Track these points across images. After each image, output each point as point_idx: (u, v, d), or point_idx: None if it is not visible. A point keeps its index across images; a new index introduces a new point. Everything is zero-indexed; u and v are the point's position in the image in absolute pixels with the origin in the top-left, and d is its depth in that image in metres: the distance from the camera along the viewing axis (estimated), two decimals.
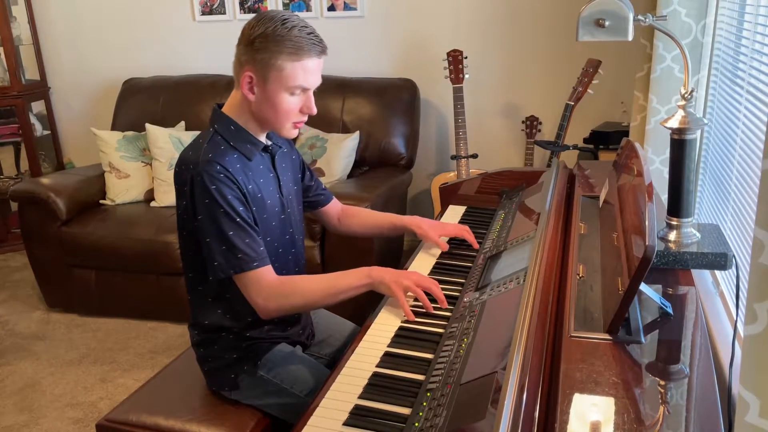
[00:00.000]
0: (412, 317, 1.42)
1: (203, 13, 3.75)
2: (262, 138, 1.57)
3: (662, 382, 1.04)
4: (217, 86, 3.58)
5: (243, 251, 1.43)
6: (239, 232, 1.43)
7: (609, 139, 3.04)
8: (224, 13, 3.71)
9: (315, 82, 1.49)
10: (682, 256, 1.42)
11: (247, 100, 1.48)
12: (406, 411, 1.14)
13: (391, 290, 1.47)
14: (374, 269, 1.49)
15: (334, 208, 1.87)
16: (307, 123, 2.64)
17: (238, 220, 1.43)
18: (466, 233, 1.79)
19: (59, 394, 2.61)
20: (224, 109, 1.54)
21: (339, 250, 2.83)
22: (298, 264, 1.70)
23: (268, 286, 1.46)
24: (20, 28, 3.97)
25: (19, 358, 2.88)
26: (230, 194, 1.43)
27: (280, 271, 1.62)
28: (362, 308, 1.80)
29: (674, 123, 1.43)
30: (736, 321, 1.40)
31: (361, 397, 1.20)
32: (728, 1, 1.98)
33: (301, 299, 1.48)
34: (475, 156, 3.19)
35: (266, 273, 1.46)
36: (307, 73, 1.45)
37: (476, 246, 1.76)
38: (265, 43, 1.41)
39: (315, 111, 1.52)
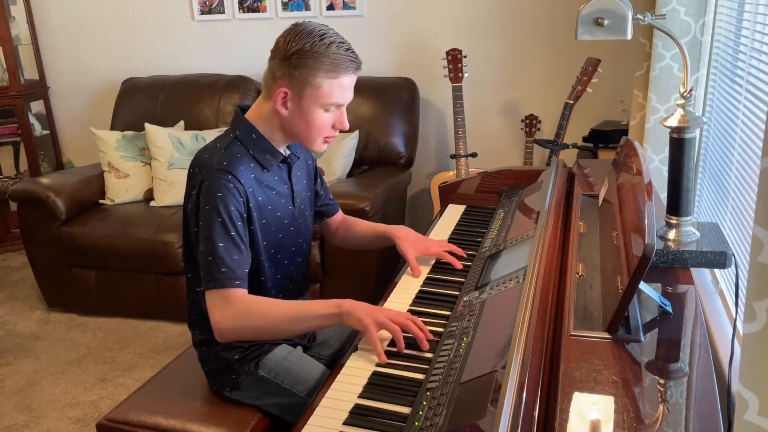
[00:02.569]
0: (384, 359, 1.28)
1: (202, 13, 3.75)
2: (282, 149, 1.55)
3: (662, 381, 1.05)
4: (216, 86, 3.58)
5: (228, 266, 1.39)
6: (229, 246, 1.40)
7: (608, 137, 3.05)
8: (223, 12, 3.71)
9: (350, 98, 1.48)
10: (682, 255, 1.42)
11: (279, 114, 1.46)
12: (406, 410, 1.14)
13: (363, 324, 1.32)
14: (346, 301, 1.37)
15: (337, 219, 1.86)
16: None
17: (232, 233, 1.40)
18: (446, 256, 1.70)
19: (59, 393, 2.61)
20: (249, 116, 1.51)
21: (339, 249, 2.82)
22: (301, 273, 1.70)
23: (234, 304, 1.39)
24: (19, 28, 3.96)
25: (19, 358, 2.88)
26: (233, 206, 1.41)
27: (282, 281, 1.62)
28: None
29: (673, 122, 1.43)
30: (736, 319, 1.40)
31: (361, 396, 1.20)
32: None
33: (261, 320, 1.40)
34: (474, 155, 3.19)
35: (239, 294, 1.41)
36: (343, 90, 1.44)
37: (459, 266, 1.67)
38: (302, 59, 1.39)
39: (347, 126, 1.52)
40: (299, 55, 1.39)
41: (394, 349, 1.31)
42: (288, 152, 1.58)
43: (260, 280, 1.55)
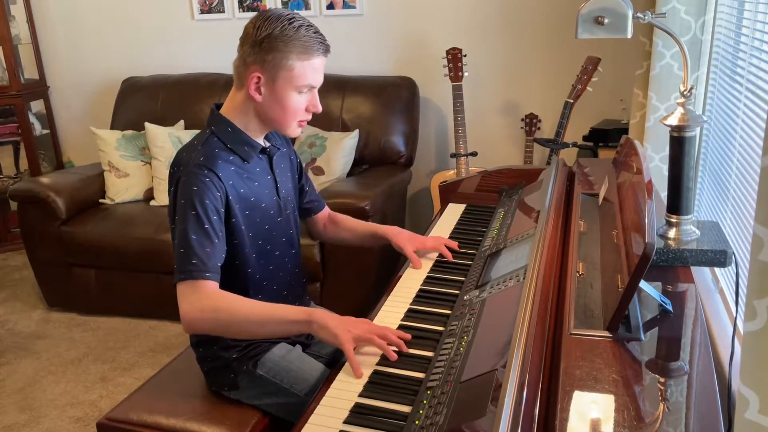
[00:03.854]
0: (361, 374, 1.25)
1: (202, 12, 3.75)
2: (260, 140, 1.56)
3: (662, 380, 1.05)
4: (216, 85, 3.58)
5: (200, 258, 1.38)
6: (202, 239, 1.39)
7: (608, 136, 3.04)
8: (223, 11, 3.71)
9: (320, 80, 1.50)
10: (682, 254, 1.42)
11: (253, 101, 1.47)
12: (406, 409, 1.14)
13: (339, 339, 1.30)
14: (317, 311, 1.37)
15: (323, 215, 1.87)
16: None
17: (206, 226, 1.40)
18: (443, 249, 1.73)
19: (60, 393, 2.61)
20: (223, 111, 1.53)
21: (339, 248, 2.82)
22: (297, 264, 1.70)
23: (204, 296, 1.38)
24: (19, 27, 3.96)
25: (19, 357, 2.88)
26: (209, 200, 1.41)
27: (277, 273, 1.63)
28: (363, 307, 1.80)
29: (674, 120, 1.43)
30: (736, 318, 1.40)
31: (361, 395, 1.20)
32: None
33: (228, 316, 1.37)
34: (474, 154, 3.19)
35: (210, 286, 1.39)
36: (315, 71, 1.47)
37: (450, 258, 1.71)
38: (274, 42, 1.41)
39: (320, 109, 1.53)
40: (270, 39, 1.41)
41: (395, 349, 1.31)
42: (267, 144, 1.59)
43: (247, 272, 1.55)
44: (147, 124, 3.40)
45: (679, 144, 1.44)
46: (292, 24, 1.42)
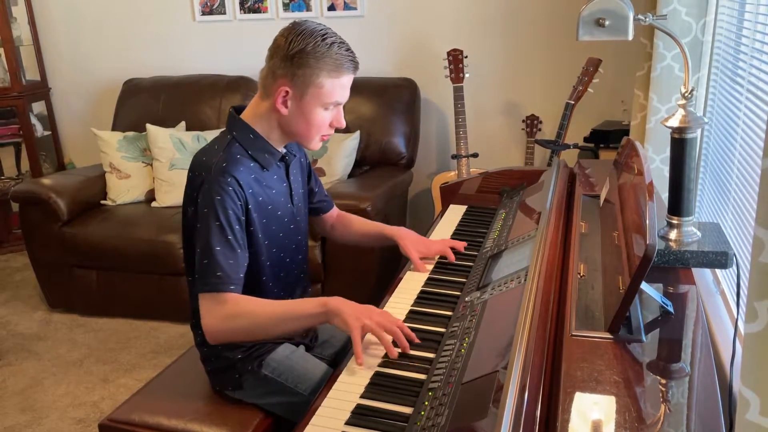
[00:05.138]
0: (362, 363, 1.27)
1: (203, 13, 3.75)
2: (280, 148, 1.56)
3: (663, 381, 1.05)
4: (218, 86, 3.58)
5: (224, 270, 1.39)
6: (226, 250, 1.40)
7: (609, 137, 3.05)
8: (224, 13, 3.71)
9: (347, 96, 1.50)
10: (683, 255, 1.42)
11: (278, 113, 1.47)
12: (408, 410, 1.15)
13: (348, 326, 1.32)
14: (333, 299, 1.37)
15: (331, 215, 1.88)
16: None
17: (230, 237, 1.40)
18: (448, 251, 1.72)
19: (61, 394, 2.61)
20: (244, 116, 1.52)
21: (340, 249, 2.83)
22: (302, 270, 1.71)
23: (224, 307, 1.39)
24: (20, 29, 3.97)
25: (20, 358, 2.88)
26: (231, 209, 1.41)
27: (285, 280, 1.63)
28: None
29: (675, 122, 1.43)
30: (737, 319, 1.40)
31: (363, 396, 1.20)
32: None
33: (248, 321, 1.40)
34: (475, 155, 3.19)
35: (231, 297, 1.40)
36: (343, 89, 1.47)
37: (453, 259, 1.71)
38: (305, 59, 1.40)
39: (344, 124, 1.54)
40: (302, 54, 1.40)
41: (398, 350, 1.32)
42: (284, 150, 1.59)
43: (262, 280, 1.56)
44: (148, 126, 3.40)
45: (680, 145, 1.44)
46: (325, 41, 1.41)
